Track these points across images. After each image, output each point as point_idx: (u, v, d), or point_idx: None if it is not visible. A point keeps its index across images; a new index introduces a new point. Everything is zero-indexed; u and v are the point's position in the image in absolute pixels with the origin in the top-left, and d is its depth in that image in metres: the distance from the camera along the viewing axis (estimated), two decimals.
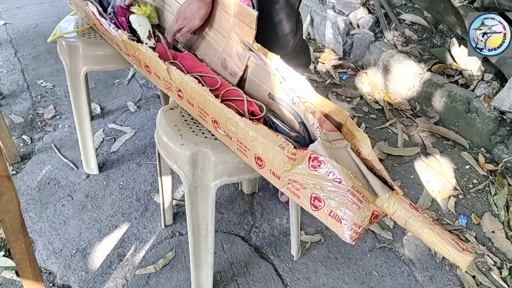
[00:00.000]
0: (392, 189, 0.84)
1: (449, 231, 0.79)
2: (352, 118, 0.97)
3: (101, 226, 1.48)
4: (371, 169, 0.90)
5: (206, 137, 1.06)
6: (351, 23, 2.63)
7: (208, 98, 1.01)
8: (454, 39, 2.32)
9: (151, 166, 1.73)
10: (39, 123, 1.94)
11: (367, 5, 2.74)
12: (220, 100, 1.01)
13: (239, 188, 1.66)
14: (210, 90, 1.09)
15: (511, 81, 1.84)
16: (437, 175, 1.81)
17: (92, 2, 1.38)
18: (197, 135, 1.07)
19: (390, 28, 2.53)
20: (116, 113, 2.05)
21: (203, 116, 1.07)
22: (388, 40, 2.46)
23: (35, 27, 2.72)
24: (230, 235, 1.48)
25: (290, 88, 1.02)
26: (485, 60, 2.19)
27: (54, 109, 2.03)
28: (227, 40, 1.21)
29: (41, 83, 2.20)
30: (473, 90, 2.05)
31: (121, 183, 1.65)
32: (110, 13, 1.35)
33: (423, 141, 1.98)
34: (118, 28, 1.31)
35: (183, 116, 1.15)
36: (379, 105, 2.21)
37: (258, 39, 1.10)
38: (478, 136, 1.94)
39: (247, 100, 1.07)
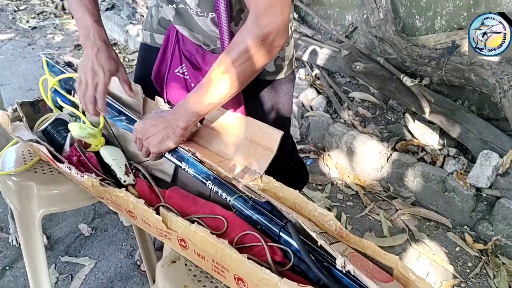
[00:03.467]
0: None
1: None
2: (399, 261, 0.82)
3: None
4: None
5: None
6: (303, 105, 2.60)
7: (229, 252, 0.82)
8: (407, 115, 2.36)
9: None
10: None
11: (315, 85, 2.75)
12: (235, 247, 0.83)
13: None
14: (218, 235, 0.90)
15: (481, 157, 1.86)
16: (432, 263, 1.72)
17: (38, 142, 1.12)
18: None
19: (343, 107, 2.53)
20: (67, 240, 1.74)
21: (220, 272, 0.87)
22: (345, 121, 2.44)
23: None
24: None
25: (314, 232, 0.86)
26: (443, 133, 2.24)
27: None
28: (227, 161, 1.05)
29: None
30: (441, 167, 2.05)
31: None
32: (70, 150, 1.12)
33: (407, 226, 1.91)
34: (82, 167, 1.09)
35: (190, 270, 0.94)
36: (352, 190, 2.13)
37: None
38: (459, 214, 1.91)
39: (267, 244, 0.90)
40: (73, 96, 1.25)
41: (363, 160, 2.21)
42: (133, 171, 1.12)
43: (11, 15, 4.31)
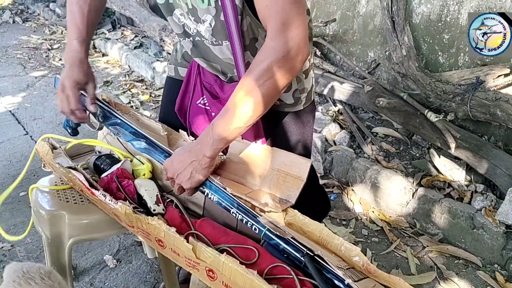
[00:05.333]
0: None
1: None
2: None
3: None
4: None
5: None
6: (326, 140, 2.61)
7: (258, 283, 0.82)
8: (433, 150, 2.34)
9: None
10: None
11: (338, 120, 2.76)
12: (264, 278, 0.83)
13: None
14: (247, 264, 0.91)
15: (510, 193, 1.82)
16: None
17: (76, 169, 1.17)
18: None
19: (366, 142, 2.53)
20: (92, 271, 1.75)
21: None
22: (369, 156, 2.43)
23: None
24: None
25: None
26: (469, 168, 2.20)
27: None
28: (256, 192, 1.06)
29: None
30: (469, 203, 2.01)
31: None
32: (107, 176, 1.16)
33: (435, 263, 1.86)
34: (116, 195, 1.12)
35: None
36: (377, 225, 2.10)
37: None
38: (489, 252, 1.85)
39: (298, 278, 0.89)
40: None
41: (387, 195, 2.19)
42: (167, 201, 1.14)
43: (45, 53, 4.52)
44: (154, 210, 1.09)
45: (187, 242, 0.92)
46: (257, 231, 0.97)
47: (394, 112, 2.43)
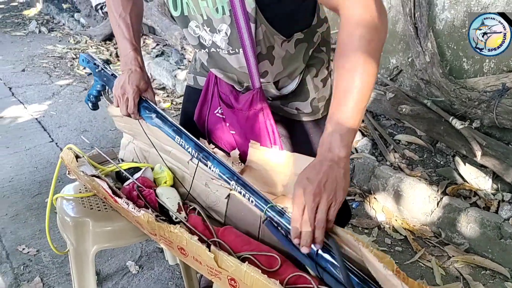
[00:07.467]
0: None
1: None
2: None
3: None
4: None
5: None
6: None
7: None
8: (458, 158, 2.29)
9: None
10: None
11: (359, 128, 2.74)
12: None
13: None
14: (269, 272, 0.90)
15: None
16: None
17: (99, 177, 1.19)
18: None
19: (389, 150, 2.50)
20: (115, 277, 1.77)
21: None
22: (392, 163, 2.40)
23: (10, 180, 2.48)
24: None
25: None
26: (496, 177, 2.15)
27: (41, 282, 1.73)
28: (280, 198, 1.06)
29: (23, 249, 1.91)
30: (496, 212, 1.96)
31: None
32: (128, 185, 1.18)
33: (461, 274, 1.81)
34: (139, 203, 1.13)
35: None
36: (401, 234, 2.06)
37: None
38: None
39: (318, 287, 0.88)
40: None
41: (411, 204, 2.15)
42: (189, 208, 1.14)
43: (70, 62, 4.62)
44: (176, 218, 1.09)
45: (209, 250, 0.92)
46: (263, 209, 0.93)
47: (417, 119, 2.39)
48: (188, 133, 1.11)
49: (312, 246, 0.84)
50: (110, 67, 1.32)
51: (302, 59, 1.14)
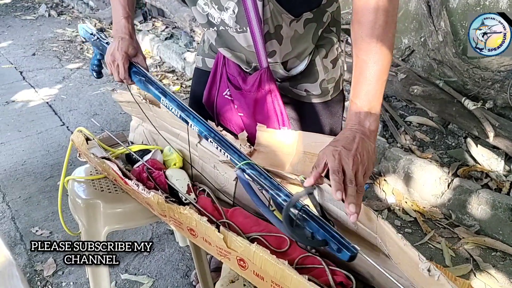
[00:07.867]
0: None
1: None
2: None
3: None
4: None
5: None
6: None
7: (289, 273, 0.82)
8: (469, 139, 2.27)
9: None
10: (38, 283, 1.67)
11: None
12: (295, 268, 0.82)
13: None
14: (277, 253, 0.91)
15: None
16: None
17: (109, 159, 1.20)
18: None
19: (400, 132, 2.47)
20: (127, 258, 1.80)
21: None
22: (402, 145, 2.38)
23: (22, 164, 2.51)
24: None
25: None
26: (508, 158, 2.12)
27: (55, 263, 1.77)
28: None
29: (36, 231, 1.95)
30: (508, 194, 1.94)
31: None
32: (138, 167, 1.18)
33: (471, 256, 1.81)
34: (148, 185, 1.14)
35: None
36: (411, 216, 2.06)
37: None
38: None
39: (329, 268, 0.88)
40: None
41: (421, 185, 2.14)
42: (199, 190, 1.15)
43: (79, 46, 4.63)
44: (185, 200, 1.10)
45: (219, 231, 0.92)
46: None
47: (429, 100, 2.36)
48: (173, 95, 1.10)
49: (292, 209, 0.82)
50: (105, 35, 1.34)
51: (311, 40, 1.12)
